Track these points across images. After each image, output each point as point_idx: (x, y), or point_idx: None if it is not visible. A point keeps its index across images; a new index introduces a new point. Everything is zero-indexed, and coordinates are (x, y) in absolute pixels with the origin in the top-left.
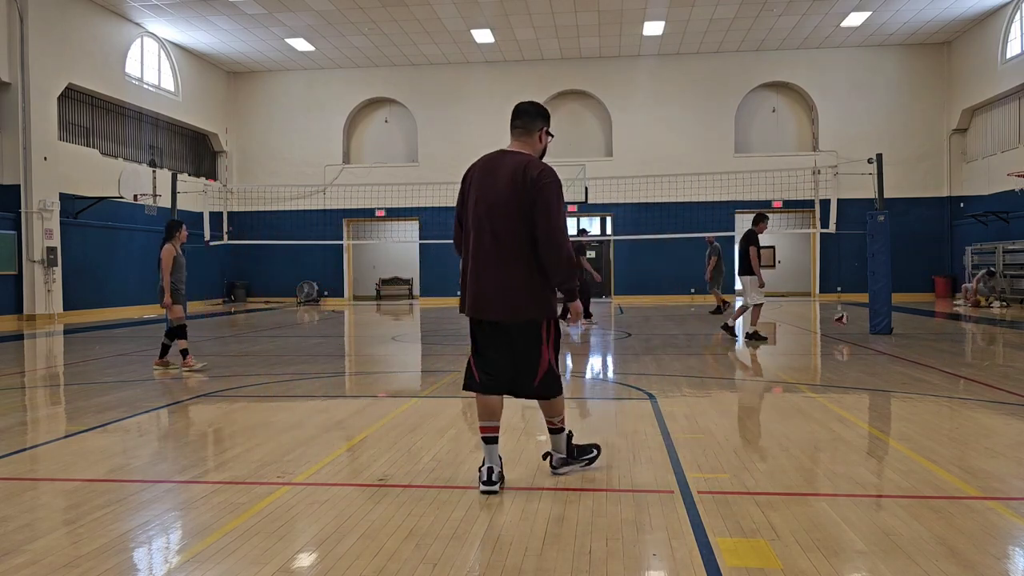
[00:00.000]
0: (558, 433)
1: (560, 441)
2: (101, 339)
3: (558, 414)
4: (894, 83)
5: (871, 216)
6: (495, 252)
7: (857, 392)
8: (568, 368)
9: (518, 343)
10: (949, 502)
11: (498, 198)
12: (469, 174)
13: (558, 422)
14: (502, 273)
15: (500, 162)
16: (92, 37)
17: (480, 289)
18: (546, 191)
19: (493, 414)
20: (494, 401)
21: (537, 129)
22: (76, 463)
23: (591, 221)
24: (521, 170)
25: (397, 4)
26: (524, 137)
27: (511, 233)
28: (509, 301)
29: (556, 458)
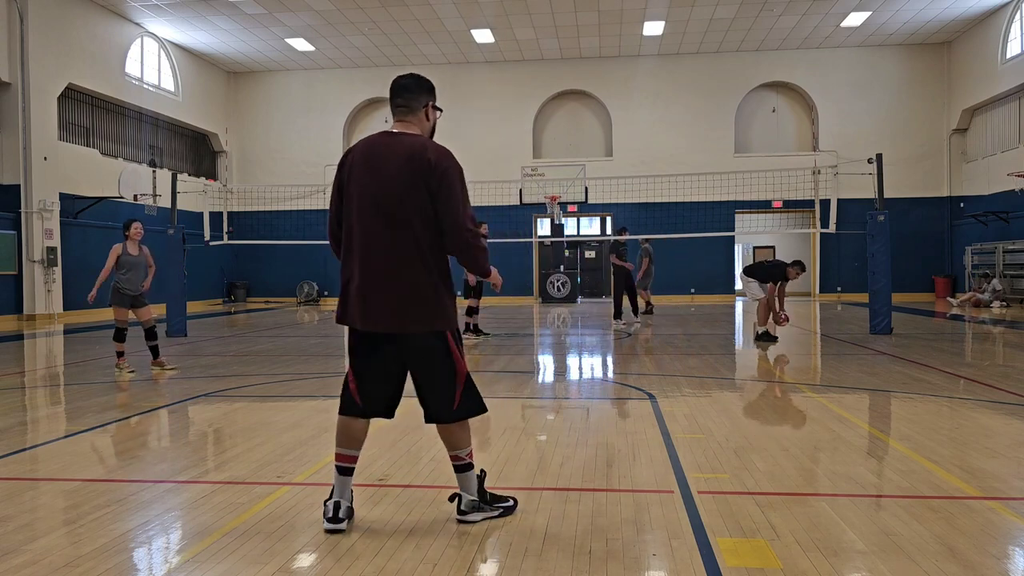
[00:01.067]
0: (466, 471)
1: (470, 481)
2: (101, 339)
3: (465, 444)
4: (894, 83)
5: (871, 216)
6: (389, 252)
7: (857, 392)
8: (568, 369)
9: (419, 360)
10: (949, 502)
11: (390, 188)
12: (347, 160)
13: (465, 456)
14: (398, 277)
15: (389, 146)
16: (92, 37)
17: (371, 296)
18: (449, 177)
19: (355, 441)
20: (360, 426)
21: (422, 106)
22: (76, 463)
23: (591, 221)
24: (418, 155)
25: (397, 4)
26: (408, 116)
27: (407, 229)
28: (408, 310)
29: (465, 500)
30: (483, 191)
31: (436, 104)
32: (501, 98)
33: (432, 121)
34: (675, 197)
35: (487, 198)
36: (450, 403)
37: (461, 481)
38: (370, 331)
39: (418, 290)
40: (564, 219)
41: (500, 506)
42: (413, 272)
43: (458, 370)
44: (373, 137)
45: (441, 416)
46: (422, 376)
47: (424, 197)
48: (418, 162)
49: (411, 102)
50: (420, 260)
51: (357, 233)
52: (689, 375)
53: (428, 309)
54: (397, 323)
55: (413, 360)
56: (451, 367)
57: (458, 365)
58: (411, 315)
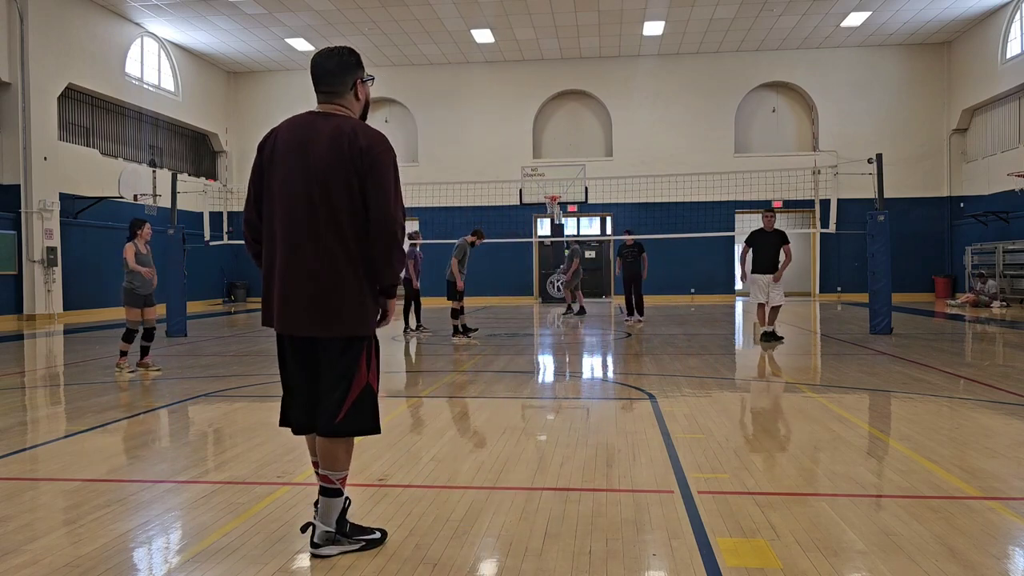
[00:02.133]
0: (333, 496)
1: (332, 509)
2: (101, 339)
3: (341, 467)
4: (894, 83)
5: (871, 216)
6: (312, 246)
7: (857, 392)
8: (568, 369)
9: (331, 364)
10: (949, 502)
11: (315, 175)
12: (268, 142)
13: (337, 480)
14: (321, 274)
15: (314, 128)
16: (92, 37)
17: (291, 295)
18: (381, 163)
19: (312, 450)
20: (311, 437)
21: (349, 88)
22: (76, 463)
23: (591, 221)
24: (347, 138)
25: (397, 4)
26: (335, 100)
27: (333, 220)
28: (330, 311)
29: (320, 532)
30: (483, 191)
31: (365, 77)
32: (501, 98)
33: (364, 99)
34: (675, 197)
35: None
36: (334, 413)
37: (322, 507)
38: (292, 334)
39: (343, 290)
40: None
41: (362, 539)
42: (338, 270)
43: (356, 379)
44: (298, 117)
45: (322, 426)
46: (321, 378)
47: (353, 185)
48: (347, 145)
49: (336, 86)
50: (347, 256)
51: (278, 225)
52: (689, 375)
53: (351, 311)
54: (318, 325)
55: (328, 365)
56: (350, 374)
57: (359, 374)
58: (333, 317)
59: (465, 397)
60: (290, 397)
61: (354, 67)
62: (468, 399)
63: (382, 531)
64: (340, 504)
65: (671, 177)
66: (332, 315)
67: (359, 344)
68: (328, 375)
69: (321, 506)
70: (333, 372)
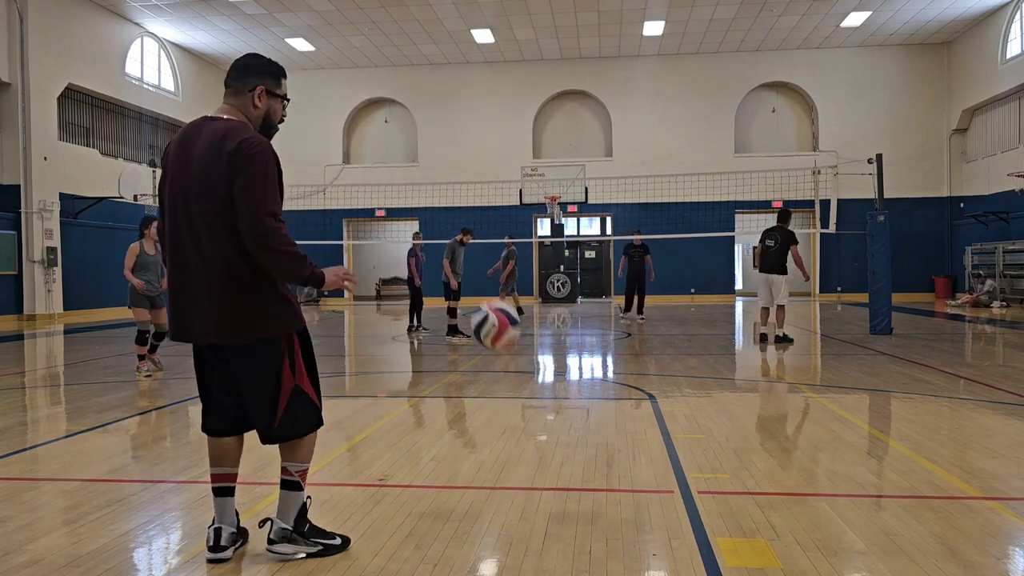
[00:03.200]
0: (292, 489)
1: (291, 504)
2: (101, 339)
3: (302, 460)
4: (894, 83)
5: (871, 216)
6: (196, 252)
7: (857, 392)
8: (568, 369)
9: (244, 371)
10: (949, 502)
11: (194, 179)
12: (168, 148)
13: (296, 473)
14: (208, 279)
15: (198, 131)
16: (92, 37)
17: (183, 302)
18: (248, 166)
19: (224, 457)
20: (226, 442)
21: (248, 89)
22: (76, 463)
23: (591, 221)
24: (218, 140)
25: (397, 4)
26: (232, 99)
27: (212, 225)
28: (222, 316)
29: (276, 528)
30: (483, 191)
31: (278, 92)
32: (501, 98)
33: (262, 109)
34: (675, 197)
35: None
36: (270, 420)
37: (281, 502)
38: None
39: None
40: (564, 219)
41: (320, 542)
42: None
43: (283, 383)
44: (193, 122)
45: (264, 435)
46: (244, 389)
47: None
48: (217, 149)
49: (236, 83)
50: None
51: (169, 231)
52: (689, 375)
53: (246, 314)
54: (215, 332)
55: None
56: (275, 379)
57: (286, 377)
58: (227, 322)
59: (465, 397)
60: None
61: (258, 72)
62: (468, 399)
63: (344, 538)
64: (300, 499)
65: (671, 177)
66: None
67: (270, 346)
68: (247, 383)
69: (280, 500)
70: (252, 379)
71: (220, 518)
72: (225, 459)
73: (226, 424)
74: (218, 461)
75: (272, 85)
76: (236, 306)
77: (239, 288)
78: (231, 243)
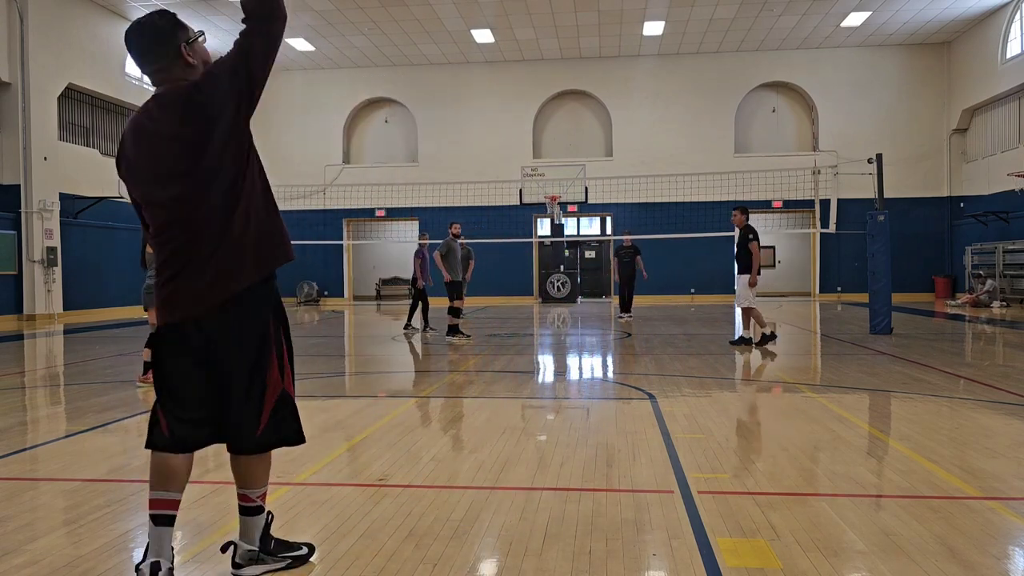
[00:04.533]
0: (254, 515)
1: (253, 527)
2: (101, 339)
3: (261, 483)
4: (894, 83)
5: (871, 216)
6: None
7: (857, 392)
8: (568, 369)
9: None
10: (949, 502)
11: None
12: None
13: (257, 497)
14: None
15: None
16: (92, 37)
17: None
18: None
19: (172, 479)
20: (177, 462)
21: (172, 56)
22: (76, 463)
23: (591, 221)
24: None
25: (397, 4)
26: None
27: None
28: (210, 278)
29: (242, 551)
30: (483, 191)
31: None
32: (501, 98)
33: (198, 59)
34: (675, 197)
35: (487, 198)
36: (254, 421)
37: (243, 526)
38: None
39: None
40: (564, 219)
41: (287, 555)
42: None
43: (271, 369)
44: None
45: (241, 441)
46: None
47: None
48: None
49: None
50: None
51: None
52: (689, 375)
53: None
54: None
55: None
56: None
57: (273, 363)
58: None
59: (465, 397)
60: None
61: (170, 32)
62: (468, 399)
63: (309, 546)
64: (262, 521)
65: (671, 177)
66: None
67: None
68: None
69: (241, 526)
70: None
71: (158, 550)
72: (172, 480)
73: (195, 435)
74: (163, 483)
75: (185, 35)
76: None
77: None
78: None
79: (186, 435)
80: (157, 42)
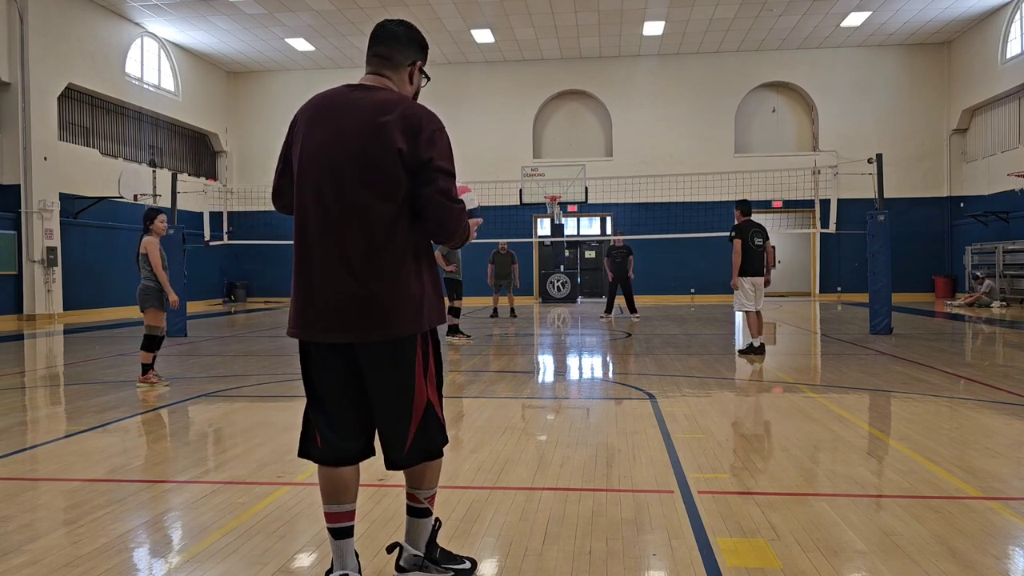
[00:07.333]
0: (420, 516)
1: (421, 531)
2: (101, 339)
3: (430, 486)
4: (894, 83)
5: (871, 216)
6: (343, 238)
7: (857, 392)
8: (568, 369)
9: (377, 379)
10: (949, 502)
11: (354, 155)
12: (297, 120)
13: (424, 499)
14: (354, 269)
15: (353, 102)
16: (92, 37)
17: (317, 296)
18: (439, 148)
19: (344, 492)
20: (346, 475)
21: (408, 62)
22: (76, 463)
23: (591, 221)
24: (396, 114)
25: (397, 4)
26: (386, 71)
27: (372, 204)
28: (368, 310)
29: (408, 555)
30: (483, 191)
31: (424, 69)
32: (501, 98)
33: (416, 87)
34: (675, 197)
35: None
36: (401, 441)
37: (410, 528)
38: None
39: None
40: (564, 219)
41: (451, 568)
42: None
43: (415, 395)
44: (333, 91)
45: (390, 457)
46: (376, 401)
47: (402, 167)
48: (398, 123)
49: (395, 54)
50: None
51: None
52: (689, 375)
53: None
54: (351, 328)
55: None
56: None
57: (420, 389)
58: (370, 318)
59: (465, 397)
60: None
61: (420, 47)
62: (468, 399)
63: (472, 560)
64: (429, 526)
65: (671, 177)
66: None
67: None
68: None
69: (408, 527)
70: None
71: (342, 563)
72: (344, 494)
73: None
74: (335, 497)
75: (424, 61)
76: (386, 301)
77: (392, 281)
78: (396, 228)
79: (338, 450)
80: (411, 44)
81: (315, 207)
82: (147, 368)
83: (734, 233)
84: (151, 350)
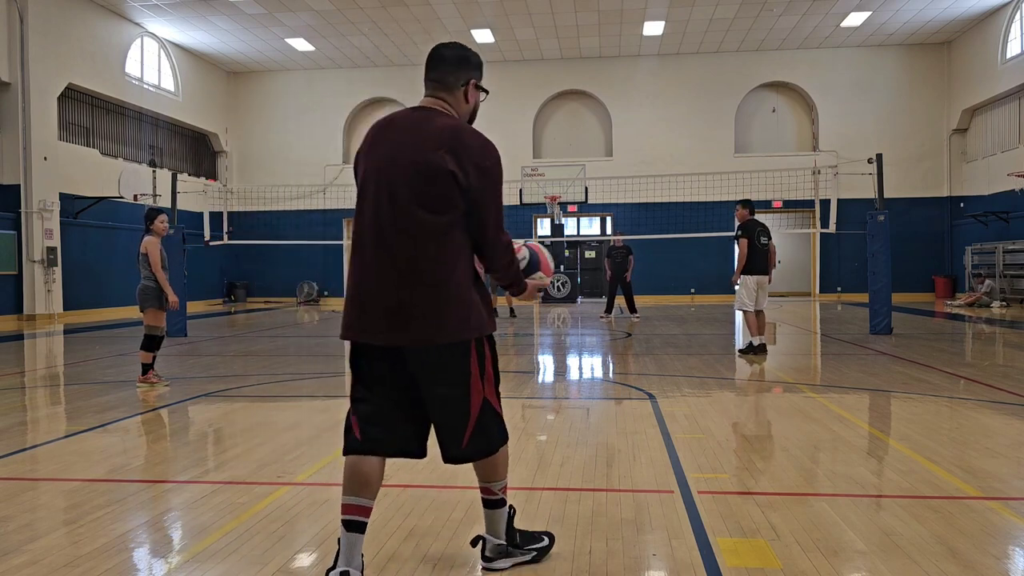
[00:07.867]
0: (496, 507)
1: (498, 520)
2: (101, 339)
3: (499, 477)
4: (894, 83)
5: (871, 216)
6: (395, 248)
7: (857, 392)
8: (568, 369)
9: (429, 382)
10: (949, 502)
11: (407, 173)
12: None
13: (498, 490)
14: (405, 279)
15: (417, 124)
16: (92, 37)
17: (373, 301)
18: (492, 180)
19: (365, 487)
20: (371, 466)
21: (461, 83)
22: (76, 463)
23: (591, 221)
24: (456, 142)
25: (397, 4)
26: (441, 92)
27: (425, 221)
28: (416, 316)
29: (491, 545)
30: None
31: (480, 83)
32: (501, 98)
33: (473, 104)
34: (675, 197)
35: None
36: (458, 438)
37: (488, 519)
38: (371, 343)
39: (434, 293)
40: (564, 219)
41: (533, 548)
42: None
43: (471, 397)
44: (399, 113)
45: (448, 453)
46: (430, 403)
47: (457, 191)
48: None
49: (446, 76)
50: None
51: (367, 224)
52: (689, 375)
53: (443, 314)
54: (403, 333)
55: (422, 382)
56: (464, 392)
57: (475, 391)
58: (421, 323)
59: None
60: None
61: (472, 65)
62: None
63: (549, 535)
64: (505, 515)
65: (671, 177)
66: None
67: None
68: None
69: (486, 519)
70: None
71: (348, 559)
72: (365, 487)
73: (386, 442)
74: (356, 489)
75: (479, 78)
76: (437, 307)
77: (443, 289)
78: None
79: (377, 443)
80: (462, 64)
81: (372, 219)
82: (147, 368)
83: (741, 232)
84: (151, 350)
